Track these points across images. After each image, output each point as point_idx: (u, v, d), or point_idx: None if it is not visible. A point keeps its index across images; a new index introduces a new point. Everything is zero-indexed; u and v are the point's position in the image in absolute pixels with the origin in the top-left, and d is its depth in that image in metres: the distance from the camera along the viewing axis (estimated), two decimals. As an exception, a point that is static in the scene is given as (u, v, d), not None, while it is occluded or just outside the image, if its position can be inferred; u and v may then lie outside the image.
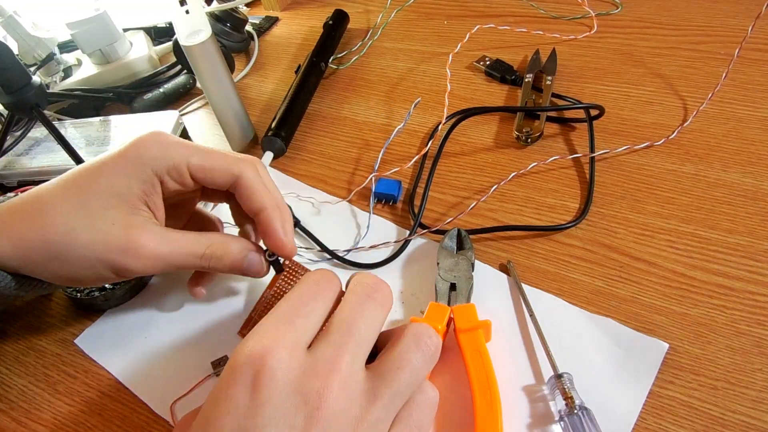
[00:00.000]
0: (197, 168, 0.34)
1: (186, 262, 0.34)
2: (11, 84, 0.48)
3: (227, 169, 0.35)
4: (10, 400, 0.40)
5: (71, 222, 0.32)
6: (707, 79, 0.53)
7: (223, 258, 0.35)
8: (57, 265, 0.32)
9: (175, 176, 0.34)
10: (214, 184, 0.35)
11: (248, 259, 0.35)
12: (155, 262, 0.33)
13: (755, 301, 0.37)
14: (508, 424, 0.33)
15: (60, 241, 0.32)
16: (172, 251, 0.33)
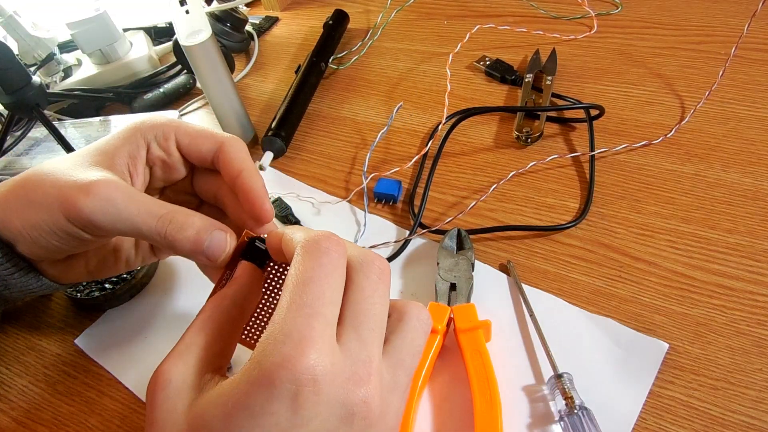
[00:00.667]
0: (183, 134, 0.35)
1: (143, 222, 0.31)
2: (11, 84, 0.48)
3: (212, 136, 0.35)
4: (10, 400, 0.40)
5: (51, 168, 0.32)
6: (707, 78, 0.53)
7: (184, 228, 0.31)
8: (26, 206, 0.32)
9: (162, 143, 0.35)
10: (198, 151, 0.35)
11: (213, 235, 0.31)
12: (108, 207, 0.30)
13: (755, 301, 0.37)
14: (508, 424, 0.33)
15: (33, 180, 0.32)
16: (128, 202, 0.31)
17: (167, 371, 0.26)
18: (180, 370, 0.26)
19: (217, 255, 0.31)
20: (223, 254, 0.32)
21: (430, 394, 0.36)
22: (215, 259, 0.31)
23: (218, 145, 0.35)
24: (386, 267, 0.28)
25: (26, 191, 0.32)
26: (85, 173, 0.31)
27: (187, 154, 0.36)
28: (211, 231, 0.31)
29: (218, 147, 0.35)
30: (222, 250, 0.32)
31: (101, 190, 0.30)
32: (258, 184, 0.34)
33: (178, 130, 0.35)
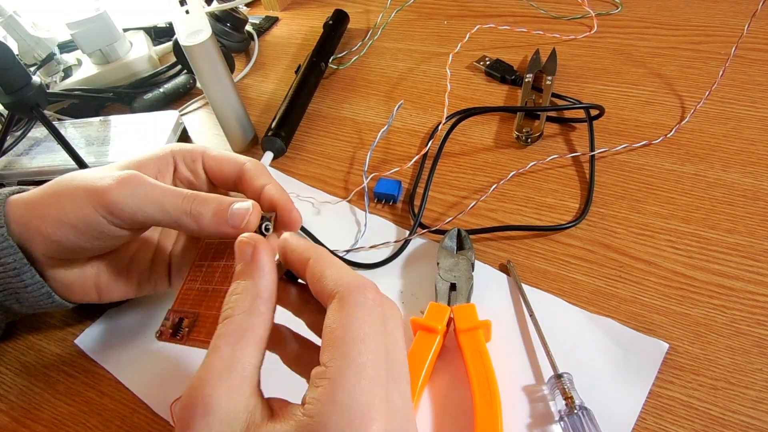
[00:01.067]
0: (210, 157, 0.37)
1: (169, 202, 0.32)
2: (11, 84, 0.48)
3: (236, 159, 0.37)
4: (10, 400, 0.40)
5: (83, 173, 0.34)
6: (707, 78, 0.53)
7: (208, 201, 0.32)
8: (51, 204, 0.33)
9: (189, 163, 0.37)
10: (222, 172, 0.37)
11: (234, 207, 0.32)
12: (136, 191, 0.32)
13: (755, 301, 0.37)
14: (508, 424, 0.33)
15: (64, 183, 0.34)
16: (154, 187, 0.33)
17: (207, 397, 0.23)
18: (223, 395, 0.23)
19: (240, 221, 0.32)
20: (245, 219, 0.32)
21: (430, 394, 0.36)
22: (238, 224, 0.32)
23: (240, 167, 0.37)
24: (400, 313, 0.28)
25: (54, 192, 0.34)
26: (113, 172, 0.33)
27: (212, 176, 0.38)
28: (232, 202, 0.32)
29: (240, 168, 0.37)
30: (244, 215, 0.32)
31: (129, 179, 0.33)
32: (283, 195, 0.35)
33: (205, 154, 0.38)
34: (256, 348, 0.25)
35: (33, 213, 0.34)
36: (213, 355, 0.25)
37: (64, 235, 0.33)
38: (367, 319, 0.25)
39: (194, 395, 0.24)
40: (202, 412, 0.23)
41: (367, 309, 0.25)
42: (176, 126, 0.58)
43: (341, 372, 0.23)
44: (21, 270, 0.35)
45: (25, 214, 0.34)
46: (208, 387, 0.23)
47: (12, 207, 0.35)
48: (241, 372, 0.24)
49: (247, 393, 0.24)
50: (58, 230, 0.33)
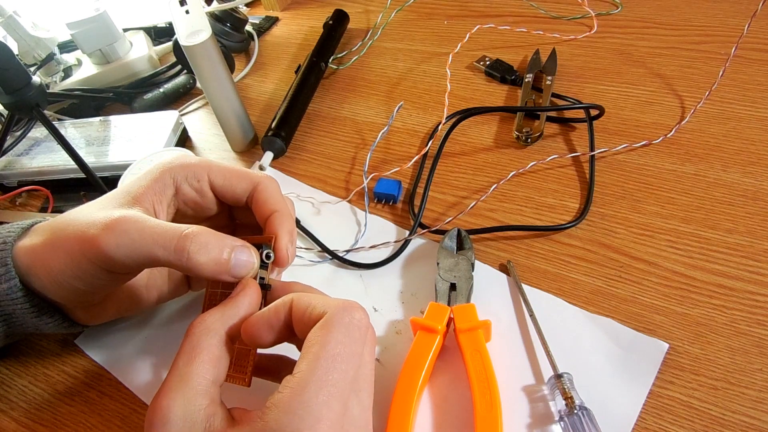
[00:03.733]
0: (218, 175, 0.35)
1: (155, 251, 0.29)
2: (11, 84, 0.48)
3: (246, 176, 0.35)
4: (10, 400, 0.40)
5: (78, 215, 0.33)
6: (707, 78, 0.53)
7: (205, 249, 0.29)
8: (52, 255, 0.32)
9: (194, 183, 0.35)
10: (232, 190, 0.35)
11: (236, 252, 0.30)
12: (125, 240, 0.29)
13: (755, 301, 0.37)
14: (508, 424, 0.33)
15: (61, 228, 0.33)
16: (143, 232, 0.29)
17: (165, 407, 0.25)
18: (180, 405, 0.25)
19: (244, 273, 0.31)
20: (250, 271, 0.31)
21: (430, 394, 0.36)
22: (241, 276, 0.31)
23: (253, 186, 0.35)
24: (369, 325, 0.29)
25: (54, 240, 0.33)
26: (105, 213, 0.31)
27: (221, 195, 0.35)
28: (234, 248, 0.30)
29: (253, 187, 0.35)
30: (249, 267, 0.31)
31: (115, 225, 0.30)
32: (285, 228, 0.33)
33: (210, 171, 0.35)
34: (210, 364, 0.27)
35: (38, 264, 0.33)
36: (171, 371, 0.27)
37: (71, 284, 0.32)
38: (346, 340, 0.26)
39: (154, 407, 0.26)
40: (160, 422, 0.25)
41: (350, 329, 0.27)
42: (176, 126, 0.58)
43: (304, 383, 0.25)
44: (40, 312, 0.35)
45: (31, 265, 0.33)
46: (165, 399, 0.26)
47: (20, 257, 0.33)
48: (196, 385, 0.26)
49: (203, 404, 0.26)
50: (65, 281, 0.32)
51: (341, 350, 0.26)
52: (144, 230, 0.30)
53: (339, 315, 0.27)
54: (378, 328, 0.39)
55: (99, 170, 0.53)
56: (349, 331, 0.27)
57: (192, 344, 0.28)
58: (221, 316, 0.29)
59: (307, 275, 0.44)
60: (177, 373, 0.27)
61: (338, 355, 0.26)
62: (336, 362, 0.26)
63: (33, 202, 0.56)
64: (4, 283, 0.33)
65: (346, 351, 0.26)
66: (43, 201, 0.55)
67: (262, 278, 0.32)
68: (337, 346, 0.26)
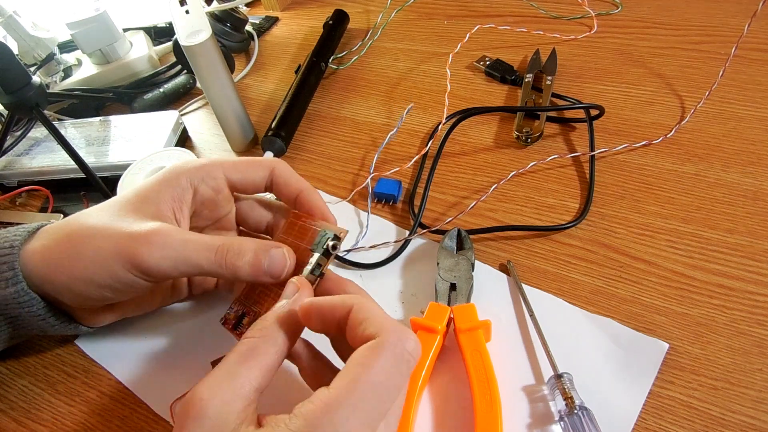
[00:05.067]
0: (232, 170, 0.36)
1: (203, 258, 0.32)
2: (11, 84, 0.48)
3: (261, 164, 0.36)
4: (10, 400, 0.40)
5: (96, 220, 0.33)
6: (707, 78, 0.53)
7: (242, 253, 0.32)
8: (75, 261, 0.32)
9: (210, 182, 0.35)
10: (251, 181, 0.36)
11: (270, 255, 0.32)
12: (168, 252, 0.31)
13: (755, 301, 0.37)
14: (508, 424, 0.33)
15: (80, 234, 0.33)
16: (185, 243, 0.32)
17: (205, 400, 0.25)
18: (218, 403, 0.25)
19: (279, 271, 0.32)
20: (285, 269, 0.33)
21: (430, 394, 0.36)
22: (278, 275, 0.32)
23: (269, 171, 0.36)
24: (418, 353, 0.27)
25: (74, 245, 0.33)
26: (138, 225, 0.32)
27: (241, 188, 0.37)
28: (268, 250, 0.32)
29: (270, 172, 0.36)
30: (283, 265, 0.32)
31: (159, 238, 0.31)
32: (319, 201, 0.36)
33: (225, 168, 0.36)
34: (259, 371, 0.27)
35: (56, 270, 0.33)
36: (221, 366, 0.26)
37: (94, 293, 0.33)
38: (393, 371, 0.25)
39: (193, 397, 0.25)
40: (195, 414, 0.25)
41: (399, 360, 0.25)
42: (176, 126, 0.58)
43: (338, 402, 0.24)
44: (46, 316, 0.35)
45: (46, 271, 0.33)
46: (206, 392, 0.25)
47: (29, 260, 0.33)
48: (239, 388, 0.26)
49: (239, 407, 0.25)
50: (88, 289, 0.32)
51: (384, 380, 0.25)
52: (186, 243, 0.32)
53: (392, 342, 0.26)
54: (378, 328, 0.39)
55: (99, 170, 0.53)
56: (398, 362, 0.25)
57: (250, 346, 0.27)
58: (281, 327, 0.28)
59: (307, 275, 0.44)
60: (226, 369, 0.26)
61: (380, 384, 0.25)
62: (376, 391, 0.24)
63: (33, 202, 0.56)
64: (11, 287, 0.33)
65: (389, 382, 0.25)
66: (43, 201, 0.55)
67: (320, 265, 0.32)
68: (381, 374, 0.25)
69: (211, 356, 0.39)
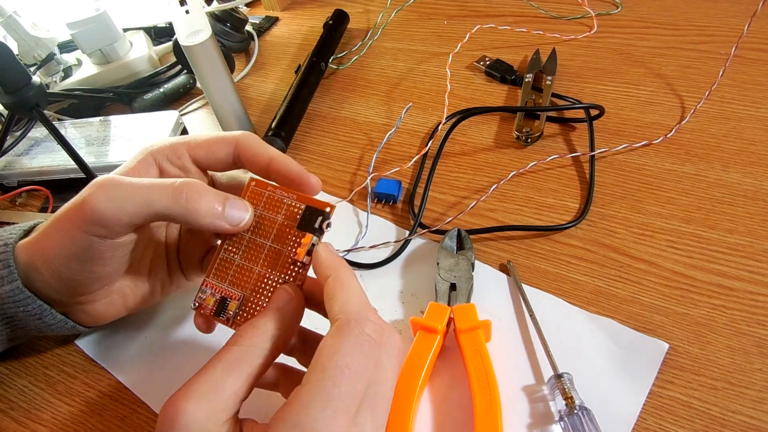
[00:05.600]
0: (195, 146, 0.35)
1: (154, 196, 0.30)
2: (11, 84, 0.48)
3: (224, 139, 0.35)
4: (10, 400, 0.40)
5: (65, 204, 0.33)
6: (707, 78, 0.53)
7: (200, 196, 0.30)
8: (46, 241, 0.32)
9: (176, 161, 0.34)
10: (216, 157, 0.35)
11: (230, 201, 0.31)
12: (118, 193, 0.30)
13: (755, 301, 0.37)
14: (508, 424, 0.33)
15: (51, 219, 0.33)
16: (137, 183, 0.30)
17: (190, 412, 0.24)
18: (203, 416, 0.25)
19: (239, 219, 0.31)
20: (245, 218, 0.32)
21: (430, 394, 0.36)
22: (237, 222, 0.31)
23: (233, 145, 0.34)
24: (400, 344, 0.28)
25: (46, 228, 0.33)
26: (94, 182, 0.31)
27: (207, 165, 0.35)
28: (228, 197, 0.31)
29: (234, 147, 0.34)
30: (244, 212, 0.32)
31: (103, 183, 0.30)
32: (292, 164, 0.33)
33: (189, 146, 0.35)
34: (245, 381, 0.26)
35: (35, 256, 0.33)
36: (205, 374, 0.26)
37: (70, 269, 0.32)
38: (355, 352, 0.25)
39: (176, 407, 0.25)
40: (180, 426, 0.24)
41: (359, 342, 0.26)
42: (176, 126, 0.58)
43: (311, 396, 0.24)
44: (42, 314, 0.35)
45: (29, 260, 0.33)
46: (190, 403, 0.25)
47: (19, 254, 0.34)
48: (225, 399, 0.25)
49: (224, 418, 0.25)
50: (63, 266, 0.32)
51: (350, 362, 0.25)
52: (135, 183, 0.30)
53: (351, 326, 0.26)
54: (378, 328, 0.39)
55: (99, 170, 0.53)
56: (359, 343, 0.26)
57: (237, 355, 0.27)
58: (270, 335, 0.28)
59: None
60: (212, 379, 0.26)
61: (346, 367, 0.25)
62: (344, 375, 0.25)
63: (33, 202, 0.56)
64: (6, 285, 0.33)
65: (355, 363, 0.25)
66: (43, 201, 0.55)
67: (314, 245, 0.32)
68: (346, 357, 0.25)
69: (211, 356, 0.39)
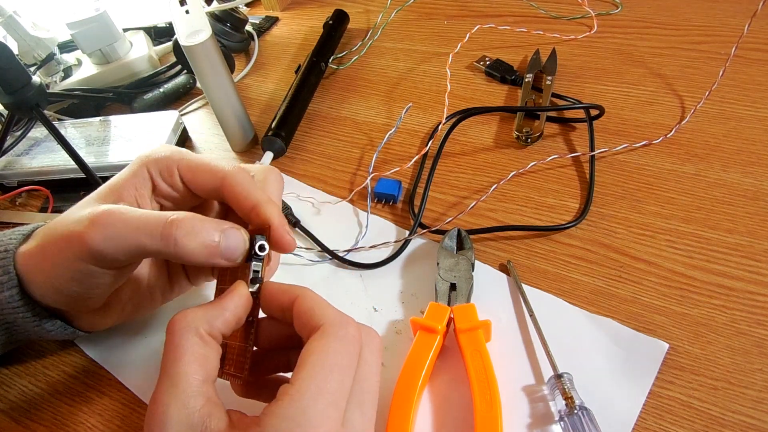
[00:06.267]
0: (185, 168, 0.34)
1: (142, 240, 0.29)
2: (11, 84, 0.48)
3: (213, 170, 0.33)
4: (10, 400, 0.40)
5: (63, 216, 0.32)
6: (707, 78, 0.53)
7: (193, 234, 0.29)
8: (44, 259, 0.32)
9: (166, 177, 0.34)
10: (201, 187, 0.34)
11: (227, 234, 0.29)
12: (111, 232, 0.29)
13: (755, 301, 0.37)
14: (508, 424, 0.33)
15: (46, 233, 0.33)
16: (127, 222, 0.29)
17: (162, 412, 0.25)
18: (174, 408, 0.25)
19: (236, 254, 0.30)
20: (242, 252, 0.30)
21: (430, 394, 0.36)
22: (235, 258, 0.30)
23: (221, 180, 0.33)
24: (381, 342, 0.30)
25: (42, 244, 0.33)
26: (89, 209, 0.31)
27: (192, 189, 0.34)
28: (224, 229, 0.30)
29: (221, 181, 0.33)
30: (240, 249, 0.30)
31: (101, 218, 0.29)
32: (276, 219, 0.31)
33: (180, 164, 0.34)
34: (196, 364, 0.27)
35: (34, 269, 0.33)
36: (161, 373, 0.27)
37: (69, 288, 0.32)
38: (342, 351, 0.27)
39: (151, 411, 0.26)
40: (159, 425, 0.25)
41: (345, 342, 0.27)
42: (176, 126, 0.58)
43: (302, 391, 0.25)
44: (41, 320, 0.35)
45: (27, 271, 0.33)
46: (160, 403, 0.25)
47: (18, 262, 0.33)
48: (186, 387, 0.26)
49: (198, 404, 0.26)
50: (61, 285, 0.32)
51: (339, 361, 0.27)
52: (128, 221, 0.29)
53: (335, 328, 0.27)
54: (378, 328, 0.39)
55: (99, 170, 0.53)
56: (345, 344, 0.27)
57: (174, 343, 0.27)
58: (204, 314, 0.28)
59: (307, 275, 0.44)
60: (166, 375, 0.26)
61: (335, 365, 0.26)
62: (333, 372, 0.26)
63: (33, 202, 0.56)
64: (6, 291, 0.33)
65: (342, 362, 0.27)
66: (43, 201, 0.55)
67: (256, 272, 0.31)
68: (336, 357, 0.27)
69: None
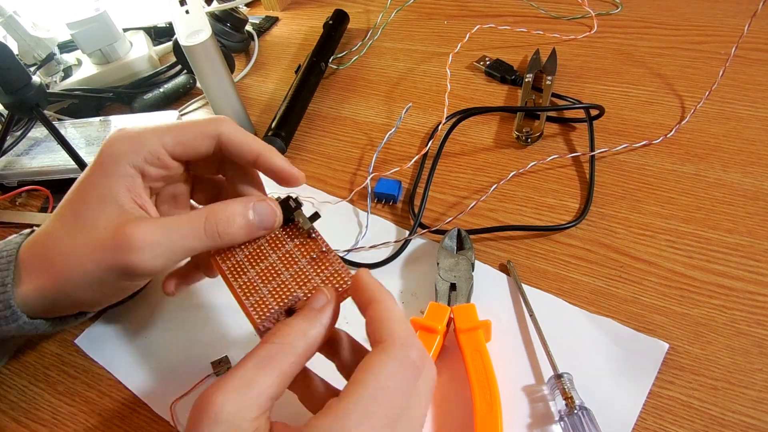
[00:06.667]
0: (173, 144, 0.33)
1: (191, 244, 0.31)
2: (11, 84, 0.48)
3: (204, 132, 0.33)
4: (10, 400, 0.40)
5: (72, 246, 0.32)
6: (707, 78, 0.53)
7: (230, 221, 0.31)
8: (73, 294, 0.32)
9: (155, 162, 0.33)
10: (197, 153, 0.33)
11: (256, 209, 0.31)
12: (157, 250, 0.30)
13: (755, 301, 0.37)
14: (508, 424, 0.33)
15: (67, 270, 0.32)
16: (169, 234, 0.30)
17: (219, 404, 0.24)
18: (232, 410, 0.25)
19: (272, 222, 0.32)
20: (276, 217, 0.32)
21: (430, 394, 0.36)
22: (271, 225, 0.32)
23: (216, 138, 0.33)
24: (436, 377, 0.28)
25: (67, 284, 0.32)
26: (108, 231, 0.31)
27: (187, 158, 0.34)
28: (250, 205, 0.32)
29: (216, 140, 0.33)
30: (273, 214, 0.32)
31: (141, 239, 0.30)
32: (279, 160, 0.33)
33: (164, 142, 0.33)
34: (276, 378, 0.26)
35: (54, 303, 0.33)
36: (238, 370, 0.26)
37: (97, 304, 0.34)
38: (398, 375, 0.26)
39: (208, 399, 0.25)
40: (209, 418, 0.24)
41: (404, 366, 0.26)
42: (176, 126, 0.58)
43: (348, 410, 0.24)
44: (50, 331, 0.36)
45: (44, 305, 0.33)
46: (221, 397, 0.25)
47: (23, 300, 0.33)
48: (256, 395, 0.25)
49: (253, 414, 0.25)
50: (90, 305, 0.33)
51: (392, 384, 0.25)
52: (169, 233, 0.30)
53: (397, 349, 0.26)
54: (378, 328, 0.39)
55: (99, 170, 0.53)
56: (404, 367, 0.26)
57: (270, 353, 0.26)
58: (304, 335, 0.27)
59: (307, 275, 0.44)
60: (244, 374, 0.26)
61: (388, 388, 0.25)
62: (385, 395, 0.25)
63: (33, 202, 0.56)
64: (12, 323, 0.33)
65: (396, 386, 0.25)
66: (43, 201, 0.55)
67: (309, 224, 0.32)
68: (389, 379, 0.25)
69: (211, 356, 0.39)
